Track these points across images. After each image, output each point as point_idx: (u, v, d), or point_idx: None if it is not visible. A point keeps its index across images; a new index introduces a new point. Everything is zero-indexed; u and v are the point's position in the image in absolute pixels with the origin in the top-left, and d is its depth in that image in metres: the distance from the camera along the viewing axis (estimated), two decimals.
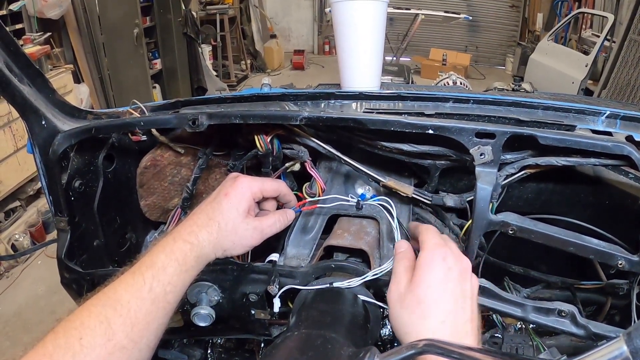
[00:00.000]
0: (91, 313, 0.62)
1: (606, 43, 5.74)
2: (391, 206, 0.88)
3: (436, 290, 0.65)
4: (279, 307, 0.92)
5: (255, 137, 0.91)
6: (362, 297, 0.85)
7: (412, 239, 0.81)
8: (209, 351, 1.29)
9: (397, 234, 0.85)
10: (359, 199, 0.93)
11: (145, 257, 0.70)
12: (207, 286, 0.93)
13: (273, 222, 0.81)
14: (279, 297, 0.90)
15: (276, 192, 0.84)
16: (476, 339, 0.63)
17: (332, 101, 1.08)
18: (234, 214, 0.75)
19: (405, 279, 0.70)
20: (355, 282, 0.84)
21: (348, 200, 0.93)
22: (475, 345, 0.62)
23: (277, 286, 0.88)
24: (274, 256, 0.95)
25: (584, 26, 7.33)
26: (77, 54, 4.87)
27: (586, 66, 5.59)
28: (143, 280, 0.65)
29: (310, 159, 0.92)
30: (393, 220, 0.87)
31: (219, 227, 0.74)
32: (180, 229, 0.73)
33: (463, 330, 0.63)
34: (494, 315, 1.10)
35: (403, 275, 0.71)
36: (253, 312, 0.95)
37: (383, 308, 0.85)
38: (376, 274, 0.83)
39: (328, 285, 0.85)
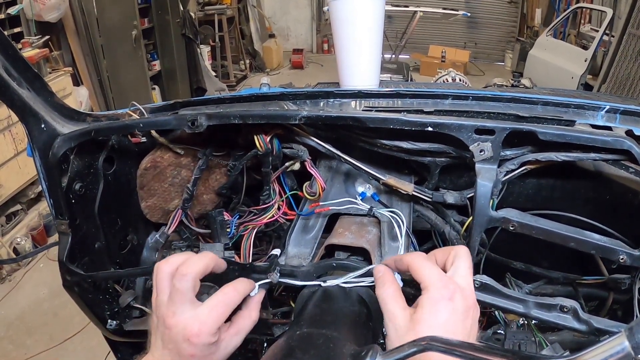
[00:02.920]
0: None
1: (605, 37, 5.73)
2: (402, 220, 0.88)
3: (439, 331, 0.60)
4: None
5: (255, 137, 0.91)
6: (364, 296, 0.85)
7: (399, 269, 0.73)
8: None
9: (401, 249, 0.86)
10: (371, 204, 0.94)
11: None
12: (208, 287, 0.92)
13: (242, 327, 0.78)
14: (279, 294, 0.90)
15: (205, 270, 0.74)
16: None
17: (331, 100, 1.07)
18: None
19: (398, 310, 0.65)
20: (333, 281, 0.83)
21: (356, 203, 0.93)
22: None
23: (278, 274, 0.87)
24: (276, 251, 0.95)
25: (582, 21, 7.32)
26: (76, 56, 4.88)
27: (585, 61, 5.59)
28: None
29: (310, 158, 0.92)
30: (401, 234, 0.87)
31: None
32: None
33: None
34: (496, 312, 1.10)
35: (394, 305, 0.67)
36: None
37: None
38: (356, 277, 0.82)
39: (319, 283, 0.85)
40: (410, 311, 0.65)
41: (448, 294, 0.63)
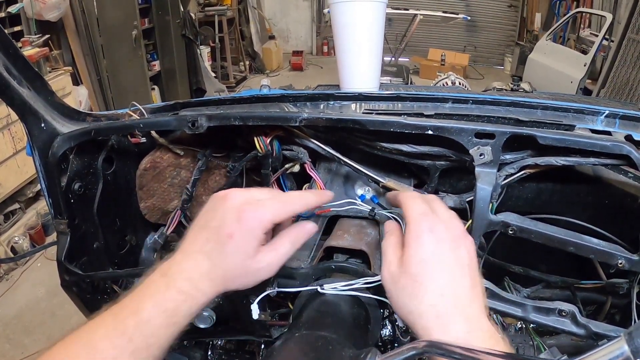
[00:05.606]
0: (68, 355, 0.56)
1: (605, 42, 5.74)
2: (403, 222, 0.87)
3: (428, 264, 0.60)
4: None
5: (255, 138, 0.91)
6: (362, 298, 0.85)
7: (393, 205, 0.78)
8: (209, 353, 1.28)
9: None
10: (373, 204, 0.94)
11: (131, 299, 0.60)
12: None
13: (289, 248, 0.69)
14: (279, 297, 0.90)
15: (303, 209, 0.71)
16: (481, 305, 0.59)
17: (332, 102, 1.08)
18: (241, 259, 0.63)
19: (394, 258, 0.64)
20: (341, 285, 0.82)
21: (358, 205, 0.93)
22: (483, 311, 0.59)
23: (276, 288, 0.88)
24: None
25: (582, 25, 7.34)
26: (76, 56, 4.87)
27: (585, 65, 5.60)
28: (124, 328, 0.57)
29: (310, 160, 0.92)
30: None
31: (224, 275, 0.63)
32: (176, 272, 0.62)
33: (466, 298, 0.59)
34: (494, 315, 1.10)
35: (391, 253, 0.65)
36: None
37: (383, 309, 0.85)
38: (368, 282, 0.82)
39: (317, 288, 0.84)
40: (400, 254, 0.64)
41: (428, 225, 0.62)
